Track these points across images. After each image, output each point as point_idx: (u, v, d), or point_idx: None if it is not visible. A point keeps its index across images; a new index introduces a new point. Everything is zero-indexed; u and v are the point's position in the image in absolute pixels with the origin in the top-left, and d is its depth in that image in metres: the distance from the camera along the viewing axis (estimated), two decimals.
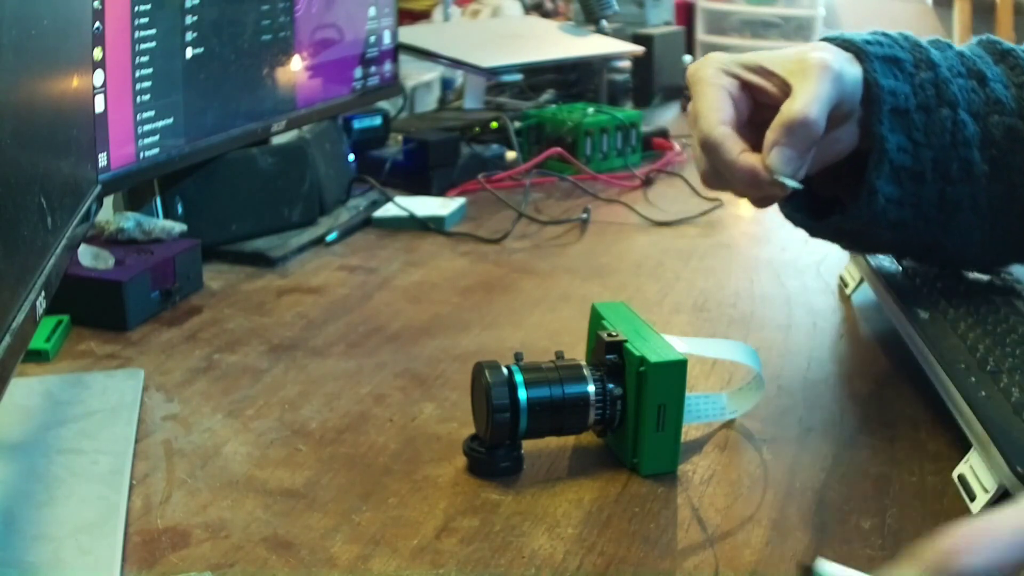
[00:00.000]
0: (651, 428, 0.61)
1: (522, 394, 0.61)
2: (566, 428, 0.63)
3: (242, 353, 0.80)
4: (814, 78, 0.66)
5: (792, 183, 0.64)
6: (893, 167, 0.70)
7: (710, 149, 0.66)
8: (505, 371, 0.62)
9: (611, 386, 0.62)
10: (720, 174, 0.67)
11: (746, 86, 0.69)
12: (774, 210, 0.76)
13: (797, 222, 0.77)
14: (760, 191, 0.67)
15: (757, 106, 0.69)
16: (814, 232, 0.77)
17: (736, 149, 0.65)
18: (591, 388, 0.62)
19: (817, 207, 0.76)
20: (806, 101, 0.64)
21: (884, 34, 0.74)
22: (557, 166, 1.32)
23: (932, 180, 0.71)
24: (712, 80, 0.68)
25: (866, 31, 0.75)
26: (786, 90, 0.67)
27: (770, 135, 0.65)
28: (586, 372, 0.62)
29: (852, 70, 0.68)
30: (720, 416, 0.68)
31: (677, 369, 0.61)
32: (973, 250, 0.76)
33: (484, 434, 0.62)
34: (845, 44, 0.71)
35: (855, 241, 0.79)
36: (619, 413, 0.62)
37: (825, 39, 0.73)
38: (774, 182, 0.64)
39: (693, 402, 0.67)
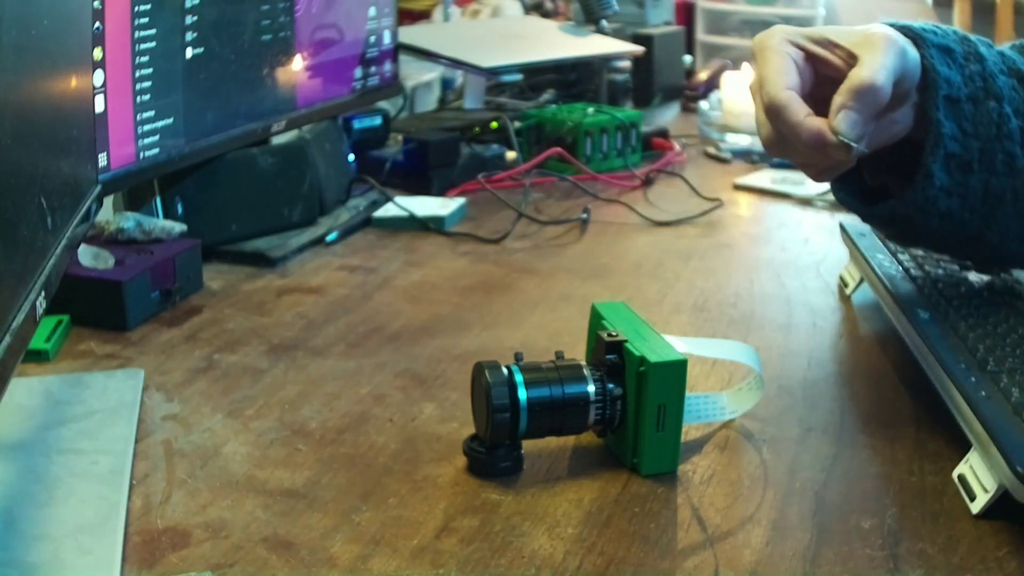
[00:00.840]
0: (651, 428, 0.61)
1: (522, 394, 0.61)
2: (566, 428, 0.63)
3: (242, 353, 0.80)
4: (881, 49, 0.66)
5: (859, 147, 0.64)
6: (946, 153, 0.71)
7: (776, 112, 0.66)
8: (505, 371, 0.62)
9: (611, 386, 0.62)
10: (784, 140, 0.67)
11: (811, 58, 0.69)
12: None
13: (850, 207, 0.78)
14: (825, 156, 0.67)
15: (819, 80, 0.70)
16: (866, 218, 0.78)
17: (802, 112, 0.66)
18: (591, 388, 0.62)
19: (867, 194, 0.76)
20: (875, 68, 0.65)
21: (935, 26, 0.75)
22: (557, 166, 1.32)
23: (979, 170, 0.71)
24: (778, 48, 0.69)
25: (919, 21, 0.76)
26: (851, 62, 0.67)
27: (837, 99, 0.65)
28: (586, 372, 0.62)
29: (912, 52, 0.69)
30: (720, 416, 0.68)
31: (677, 369, 0.61)
32: (1012, 245, 0.76)
33: (484, 434, 0.62)
34: (903, 29, 0.71)
35: (904, 229, 0.79)
36: (619, 413, 0.62)
37: (884, 23, 0.73)
38: (840, 145, 0.65)
39: (693, 402, 0.67)
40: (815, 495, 0.60)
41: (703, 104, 1.59)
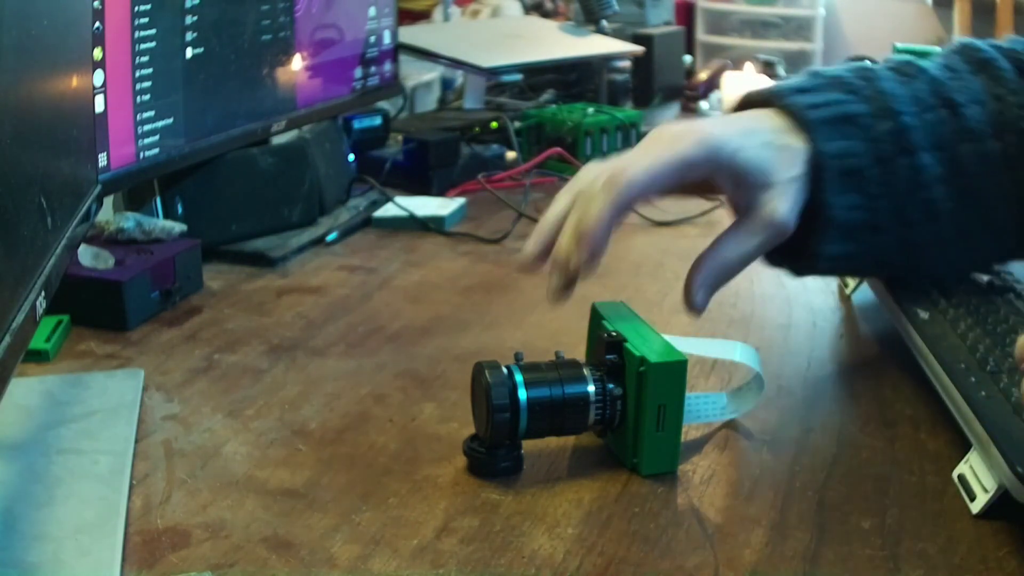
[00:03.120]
0: (651, 428, 0.61)
1: (522, 394, 0.61)
2: (566, 428, 0.63)
3: (242, 353, 0.80)
4: (767, 212, 0.67)
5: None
6: (843, 228, 0.70)
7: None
8: (505, 371, 0.62)
9: (611, 386, 0.62)
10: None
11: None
12: None
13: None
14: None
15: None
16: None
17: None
18: (591, 388, 0.62)
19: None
20: (751, 243, 0.68)
21: (841, 82, 0.73)
22: (557, 166, 1.32)
23: (888, 228, 0.71)
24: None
25: (832, 69, 0.75)
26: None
27: (698, 276, 0.67)
28: (586, 372, 0.62)
29: (796, 145, 0.69)
30: (720, 416, 0.68)
31: (677, 369, 0.61)
32: (945, 271, 0.77)
33: (484, 434, 0.62)
34: (795, 111, 0.70)
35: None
36: (619, 413, 0.62)
37: (765, 94, 0.72)
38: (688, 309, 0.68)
39: (693, 402, 0.67)
40: (815, 495, 0.60)
41: (703, 104, 1.59)
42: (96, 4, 0.80)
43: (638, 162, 0.65)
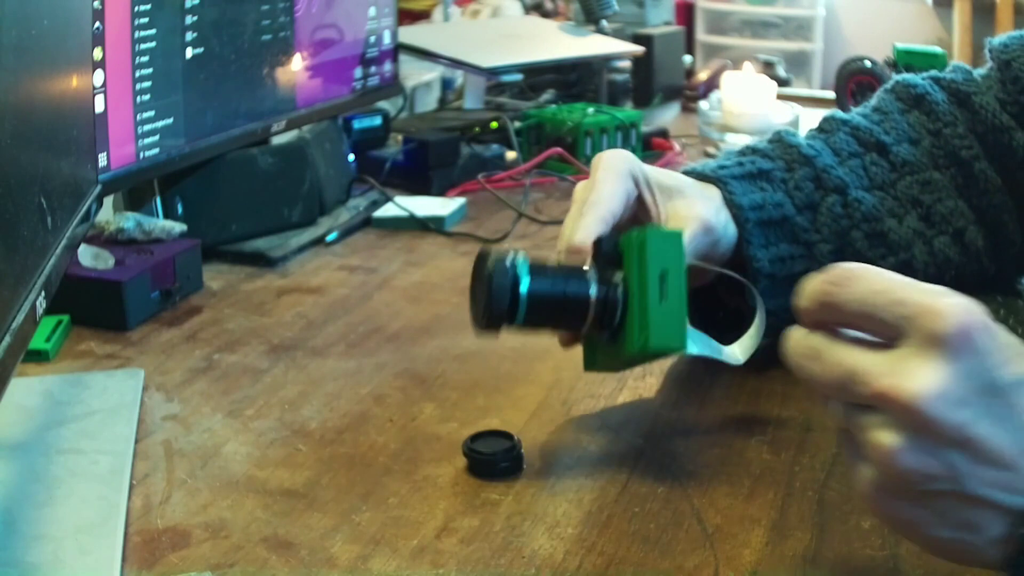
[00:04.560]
0: (655, 298, 0.59)
1: (523, 269, 0.61)
2: (565, 316, 0.62)
3: (242, 353, 0.80)
4: (689, 232, 0.68)
5: None
6: (777, 280, 0.71)
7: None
8: (509, 256, 0.62)
9: (613, 277, 0.62)
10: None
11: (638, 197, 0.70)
12: None
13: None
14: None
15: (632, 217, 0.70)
16: None
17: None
18: (592, 281, 0.61)
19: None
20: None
21: (752, 149, 0.77)
22: (557, 166, 1.32)
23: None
24: (619, 173, 0.68)
25: (734, 151, 0.78)
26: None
27: None
28: (587, 267, 0.62)
29: (713, 203, 0.71)
30: (727, 359, 0.66)
31: (674, 239, 0.61)
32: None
33: (480, 319, 0.62)
34: (701, 176, 0.73)
35: None
36: (620, 303, 0.61)
37: (685, 171, 0.74)
38: None
39: (697, 336, 0.65)
40: (815, 495, 0.60)
41: (703, 104, 1.58)
42: (96, 4, 0.80)
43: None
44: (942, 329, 0.42)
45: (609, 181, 0.67)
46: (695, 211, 0.69)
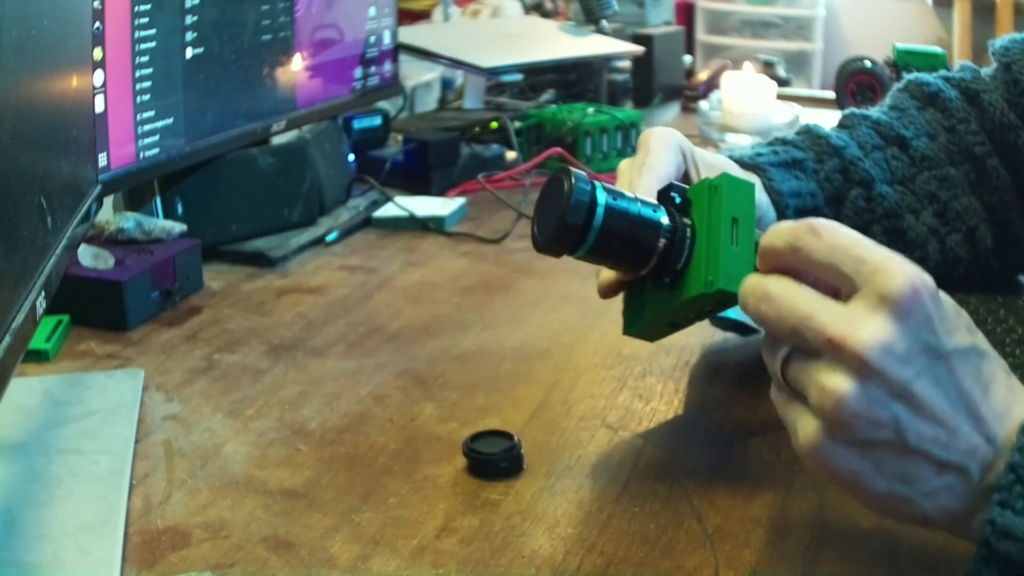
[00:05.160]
0: (727, 240, 0.58)
1: (602, 193, 0.59)
2: (633, 248, 0.60)
3: (242, 353, 0.80)
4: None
5: None
6: None
7: None
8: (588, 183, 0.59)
9: (683, 220, 0.60)
10: None
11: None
12: None
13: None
14: None
15: None
16: None
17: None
18: (664, 215, 0.60)
19: None
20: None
21: (782, 140, 0.77)
22: (557, 166, 1.32)
23: None
24: (669, 145, 0.68)
25: (764, 142, 0.78)
26: None
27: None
28: (661, 206, 0.61)
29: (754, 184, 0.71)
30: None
31: (747, 189, 0.59)
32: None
33: (548, 236, 0.59)
34: (740, 162, 0.73)
35: None
36: (689, 242, 0.59)
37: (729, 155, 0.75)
38: None
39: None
40: (815, 495, 0.60)
41: (703, 104, 1.58)
42: (96, 4, 0.80)
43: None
44: (893, 288, 0.46)
45: (661, 150, 0.67)
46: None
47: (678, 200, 0.61)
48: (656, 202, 0.61)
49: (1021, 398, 0.48)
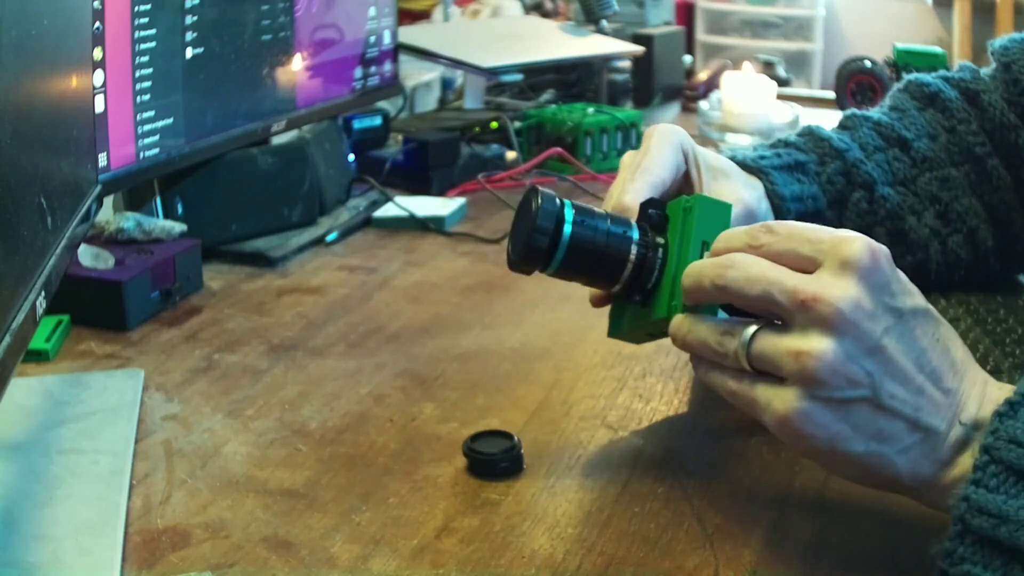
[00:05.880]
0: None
1: (570, 212, 0.59)
2: (602, 268, 0.60)
3: (242, 353, 0.80)
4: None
5: None
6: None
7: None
8: (557, 201, 0.59)
9: (655, 239, 0.60)
10: None
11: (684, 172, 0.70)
12: None
13: None
14: None
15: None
16: None
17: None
18: (634, 245, 0.59)
19: None
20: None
21: (785, 142, 0.77)
22: (557, 166, 1.32)
23: None
24: (671, 142, 0.68)
25: (766, 143, 0.77)
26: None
27: None
28: (633, 223, 0.60)
29: (754, 191, 0.72)
30: None
31: (723, 211, 0.59)
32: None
33: (518, 254, 0.59)
34: (743, 164, 0.73)
35: None
36: (659, 264, 0.59)
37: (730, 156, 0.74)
38: None
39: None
40: (815, 495, 0.60)
41: (703, 104, 1.59)
42: (96, 4, 0.80)
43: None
44: (853, 252, 0.49)
45: (662, 149, 0.67)
46: (739, 195, 0.69)
47: (655, 217, 0.61)
48: (628, 220, 0.61)
49: (974, 366, 0.52)
